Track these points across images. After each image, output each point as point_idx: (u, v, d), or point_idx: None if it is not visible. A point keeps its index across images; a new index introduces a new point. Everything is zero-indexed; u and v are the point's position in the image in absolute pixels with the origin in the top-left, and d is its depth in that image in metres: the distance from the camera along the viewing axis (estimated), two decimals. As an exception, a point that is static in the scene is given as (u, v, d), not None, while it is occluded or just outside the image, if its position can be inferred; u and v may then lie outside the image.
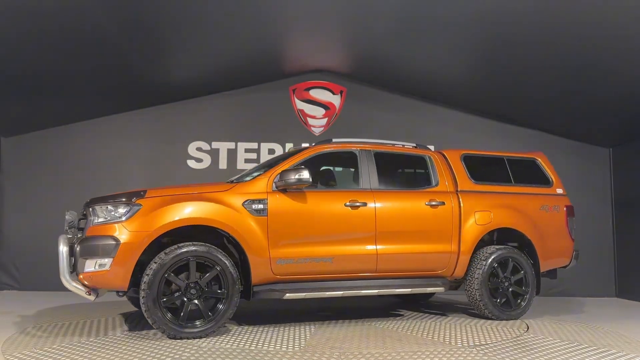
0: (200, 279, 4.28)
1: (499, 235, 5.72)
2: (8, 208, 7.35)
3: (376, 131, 7.49)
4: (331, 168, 5.93)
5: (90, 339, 4.18)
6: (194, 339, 4.15)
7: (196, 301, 4.23)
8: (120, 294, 4.40)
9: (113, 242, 4.08)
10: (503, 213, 5.49)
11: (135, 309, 5.56)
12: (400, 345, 4.10)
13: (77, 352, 3.74)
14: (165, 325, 4.11)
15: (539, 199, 5.76)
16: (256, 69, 7.37)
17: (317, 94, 7.93)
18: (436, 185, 5.42)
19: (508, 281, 5.42)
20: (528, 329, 4.95)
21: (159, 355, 3.63)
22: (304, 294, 4.63)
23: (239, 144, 7.76)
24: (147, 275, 4.11)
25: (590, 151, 7.98)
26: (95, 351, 3.77)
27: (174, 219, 4.23)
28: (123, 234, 4.10)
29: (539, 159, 6.07)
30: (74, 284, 4.17)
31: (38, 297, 6.52)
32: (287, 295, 4.54)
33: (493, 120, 7.97)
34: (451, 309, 6.10)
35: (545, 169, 6.02)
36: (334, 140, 5.33)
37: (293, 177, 4.53)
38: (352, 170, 5.40)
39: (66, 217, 4.57)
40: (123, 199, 4.27)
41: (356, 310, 5.88)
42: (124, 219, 4.17)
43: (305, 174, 4.53)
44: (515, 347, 4.11)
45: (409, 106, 7.96)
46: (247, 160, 7.69)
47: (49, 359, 3.59)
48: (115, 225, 4.15)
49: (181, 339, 4.13)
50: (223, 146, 7.73)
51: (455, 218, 5.29)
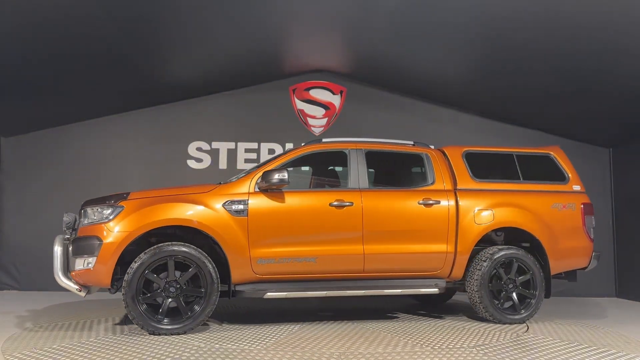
0: (180, 277, 4.43)
1: (508, 236, 5.48)
2: (8, 208, 7.36)
3: (376, 131, 7.44)
4: (329, 168, 5.94)
5: (90, 339, 4.19)
6: (172, 335, 4.30)
7: (171, 299, 4.38)
8: (111, 290, 4.55)
9: (97, 242, 4.33)
10: (506, 212, 5.24)
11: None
12: (400, 345, 4.10)
13: (77, 352, 3.75)
14: (144, 321, 4.30)
15: (550, 196, 5.43)
16: (256, 69, 7.38)
17: (317, 94, 7.93)
18: (432, 183, 5.25)
19: (513, 283, 5.20)
20: (528, 329, 4.94)
21: (159, 356, 3.64)
22: (285, 293, 4.68)
23: (239, 143, 7.76)
24: (128, 273, 4.32)
25: (590, 151, 7.97)
26: (95, 351, 3.77)
27: (152, 220, 4.42)
28: (105, 234, 4.34)
29: (554, 154, 5.71)
30: (66, 282, 4.45)
31: (38, 297, 6.54)
32: (268, 294, 4.62)
33: (493, 120, 7.96)
34: (453, 311, 6.09)
35: (561, 165, 5.65)
36: (324, 140, 5.27)
37: (274, 178, 4.57)
38: (343, 170, 5.35)
39: (64, 219, 4.73)
40: (110, 201, 4.51)
41: (364, 312, 5.85)
42: (107, 220, 4.41)
43: (286, 175, 4.56)
44: (515, 347, 4.11)
45: (409, 106, 7.96)
46: (247, 160, 7.69)
47: (48, 359, 3.60)
48: (101, 225, 4.39)
49: (159, 334, 4.30)
50: (223, 146, 7.73)
51: (452, 217, 5.11)
